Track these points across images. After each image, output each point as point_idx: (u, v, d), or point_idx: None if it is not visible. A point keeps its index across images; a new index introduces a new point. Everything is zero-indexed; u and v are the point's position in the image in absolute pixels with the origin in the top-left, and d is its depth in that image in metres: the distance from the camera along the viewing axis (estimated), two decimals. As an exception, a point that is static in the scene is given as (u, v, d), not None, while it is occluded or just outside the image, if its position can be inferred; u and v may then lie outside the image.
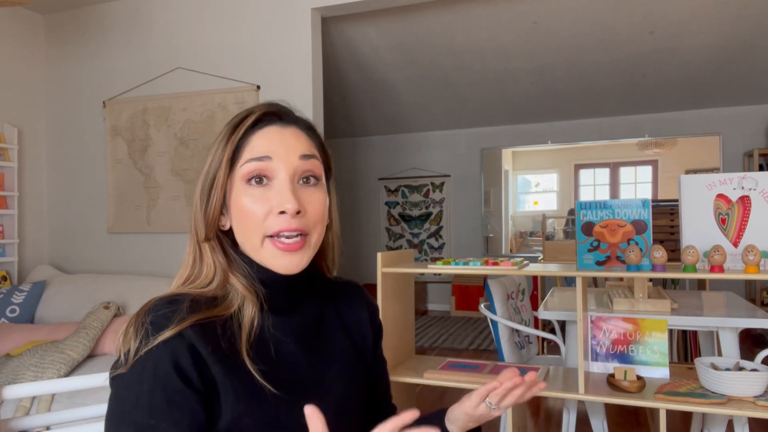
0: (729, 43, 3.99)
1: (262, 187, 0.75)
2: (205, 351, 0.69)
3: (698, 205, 1.62)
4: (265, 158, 0.75)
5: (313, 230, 0.77)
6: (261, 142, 0.76)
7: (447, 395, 3.41)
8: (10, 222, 3.50)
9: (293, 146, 0.77)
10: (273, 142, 0.76)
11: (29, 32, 3.72)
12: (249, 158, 0.75)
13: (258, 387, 0.71)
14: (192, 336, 0.69)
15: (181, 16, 3.46)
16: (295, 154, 0.76)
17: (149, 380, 0.67)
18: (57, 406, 2.19)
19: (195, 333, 0.70)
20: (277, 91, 3.19)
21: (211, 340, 0.71)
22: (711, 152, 5.45)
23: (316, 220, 0.77)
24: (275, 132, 0.77)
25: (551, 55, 4.30)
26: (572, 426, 2.24)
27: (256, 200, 0.74)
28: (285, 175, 0.75)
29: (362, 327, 0.90)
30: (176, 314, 0.70)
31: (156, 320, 0.70)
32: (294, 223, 0.74)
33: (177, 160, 3.43)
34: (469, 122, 6.10)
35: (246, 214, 0.75)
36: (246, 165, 0.75)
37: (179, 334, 0.69)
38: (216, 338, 0.71)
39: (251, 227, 0.75)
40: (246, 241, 0.77)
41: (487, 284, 2.51)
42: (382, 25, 3.94)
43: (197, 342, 0.69)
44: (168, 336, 0.68)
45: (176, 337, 0.69)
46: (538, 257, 4.99)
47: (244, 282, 0.77)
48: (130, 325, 0.71)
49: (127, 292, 3.02)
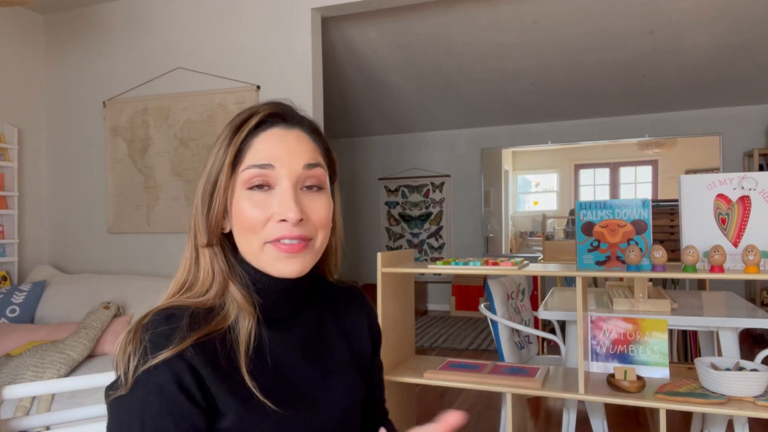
0: (729, 43, 3.99)
1: (264, 193, 0.73)
2: (205, 371, 0.68)
3: (698, 205, 1.61)
4: (268, 166, 0.72)
5: (317, 236, 0.75)
6: (263, 146, 0.74)
7: (447, 395, 3.41)
8: (10, 222, 3.50)
9: (297, 153, 0.74)
10: (276, 148, 0.73)
11: (29, 32, 3.72)
12: (251, 164, 0.73)
13: (259, 403, 0.70)
14: (192, 356, 0.68)
15: (181, 16, 3.46)
16: (299, 162, 0.74)
17: (154, 403, 0.65)
18: (57, 406, 2.19)
19: (195, 353, 0.68)
20: (277, 91, 3.19)
21: (210, 359, 0.69)
22: (711, 152, 5.45)
23: (319, 225, 0.75)
24: (278, 136, 0.75)
25: (551, 55, 4.30)
26: (572, 426, 2.24)
27: (257, 206, 0.72)
28: (287, 183, 0.72)
29: (361, 334, 0.89)
30: (175, 332, 0.68)
31: (154, 339, 0.68)
32: (296, 231, 0.72)
33: (177, 160, 3.43)
34: (469, 122, 6.10)
35: (246, 219, 0.73)
36: (247, 171, 0.73)
37: (179, 354, 0.67)
38: (215, 356, 0.70)
39: (251, 232, 0.73)
40: (246, 246, 0.75)
41: (487, 284, 2.50)
42: (382, 25, 3.94)
43: (197, 363, 0.68)
44: (168, 356, 0.66)
45: (176, 358, 0.67)
46: (538, 257, 4.98)
47: (242, 291, 0.75)
48: (128, 342, 0.69)
49: (127, 292, 3.02)
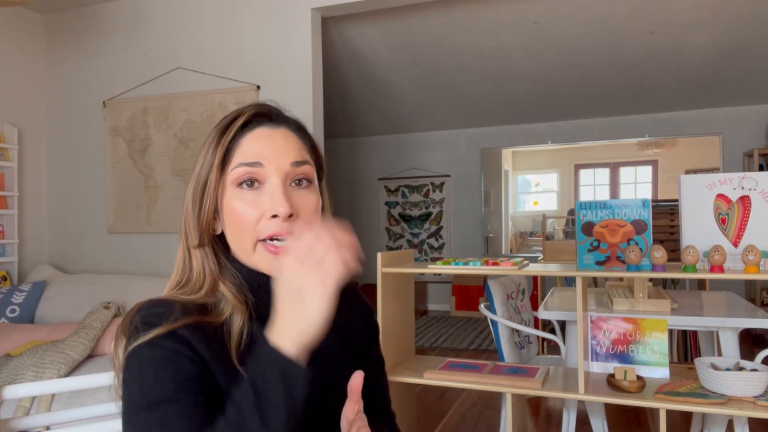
0: (729, 43, 3.99)
1: (254, 191, 0.74)
2: (200, 348, 0.68)
3: (698, 205, 1.61)
4: (256, 164, 0.74)
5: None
6: (251, 145, 0.75)
7: (447, 395, 3.41)
8: (10, 222, 3.50)
9: (284, 150, 0.75)
10: (263, 146, 0.75)
11: (29, 32, 3.72)
12: (240, 162, 0.74)
13: None
14: (188, 335, 0.67)
15: (181, 16, 3.46)
16: (287, 159, 0.75)
17: (148, 367, 0.65)
18: (57, 406, 2.19)
19: (191, 333, 0.68)
20: (277, 91, 3.19)
21: (208, 344, 0.69)
22: (711, 152, 5.45)
23: (309, 222, 0.76)
24: (265, 134, 0.76)
25: (551, 55, 4.30)
26: (572, 426, 2.24)
27: (247, 204, 0.73)
28: (276, 179, 0.74)
29: (356, 332, 0.88)
30: (168, 313, 0.69)
31: (147, 319, 0.68)
32: (286, 227, 0.72)
33: (177, 160, 3.43)
34: (469, 122, 6.10)
35: (238, 217, 0.74)
36: (237, 169, 0.74)
37: (172, 332, 0.66)
38: (211, 343, 0.70)
39: (243, 231, 0.74)
40: (238, 245, 0.75)
41: (487, 284, 2.50)
42: (382, 25, 3.94)
43: (195, 342, 0.67)
44: (162, 332, 0.66)
45: (170, 334, 0.66)
46: (538, 257, 4.98)
47: (233, 290, 0.76)
48: (120, 331, 0.69)
49: (127, 292, 3.02)
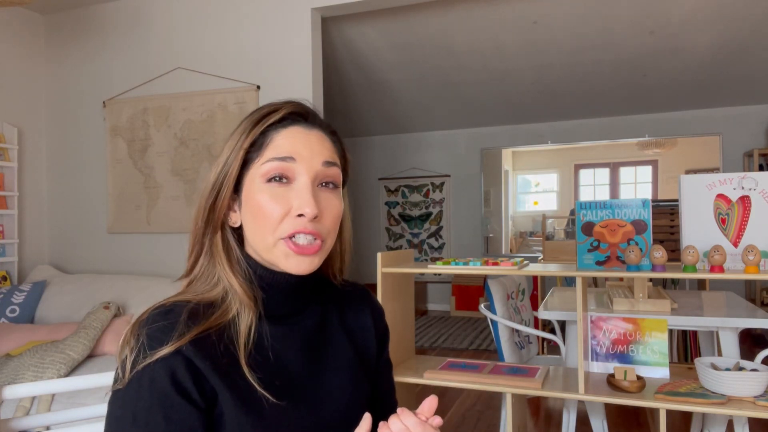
0: (729, 43, 3.99)
1: (283, 186, 0.74)
2: (203, 365, 0.68)
3: (698, 205, 1.61)
4: (289, 159, 0.74)
5: (328, 236, 0.76)
6: (286, 141, 0.75)
7: (447, 395, 3.41)
8: (10, 222, 3.50)
9: (318, 150, 0.76)
10: (298, 144, 0.75)
11: (29, 32, 3.72)
12: (272, 157, 0.74)
13: (258, 397, 0.70)
14: (190, 351, 0.68)
15: (181, 16, 3.46)
16: (319, 159, 0.75)
17: (146, 397, 0.66)
18: (57, 406, 2.19)
19: (193, 348, 0.68)
20: (277, 91, 3.18)
21: (209, 354, 0.69)
22: (711, 152, 5.45)
23: (331, 226, 0.76)
24: (300, 133, 0.76)
25: (551, 55, 4.30)
26: (572, 426, 2.24)
27: (275, 199, 0.73)
28: (306, 178, 0.74)
29: (366, 333, 0.89)
30: (173, 328, 0.69)
31: (152, 333, 0.68)
32: (310, 227, 0.73)
33: (177, 160, 3.43)
34: (469, 122, 6.10)
35: (263, 211, 0.73)
36: (268, 163, 0.74)
37: (176, 350, 0.67)
38: (215, 351, 0.70)
39: (267, 225, 0.73)
40: (259, 240, 0.75)
41: (487, 284, 2.50)
42: (382, 25, 3.94)
43: (196, 358, 0.68)
44: (166, 353, 0.67)
45: (173, 353, 0.67)
46: (538, 257, 4.98)
47: (244, 286, 0.75)
48: (128, 339, 0.70)
49: (127, 292, 3.02)
